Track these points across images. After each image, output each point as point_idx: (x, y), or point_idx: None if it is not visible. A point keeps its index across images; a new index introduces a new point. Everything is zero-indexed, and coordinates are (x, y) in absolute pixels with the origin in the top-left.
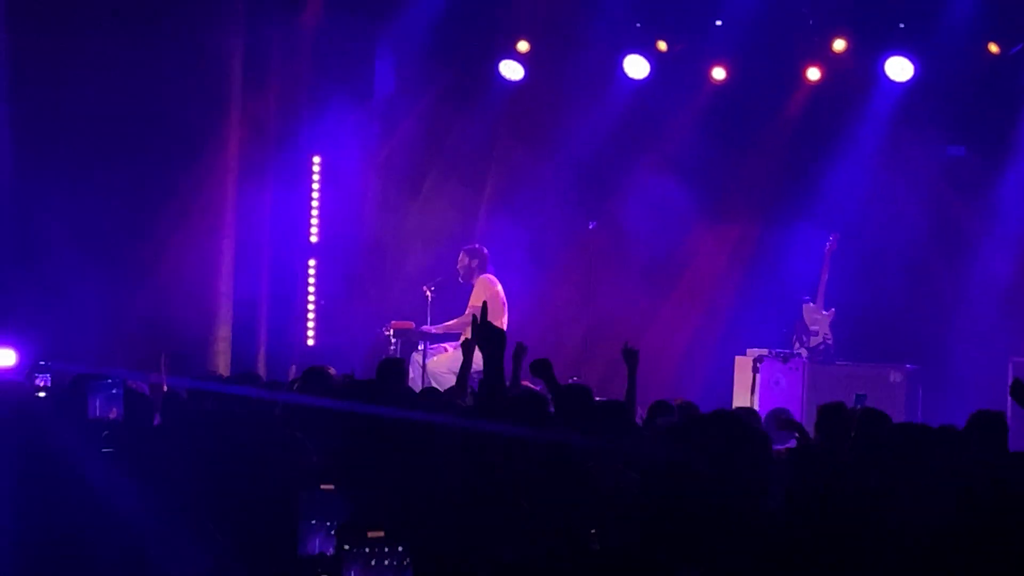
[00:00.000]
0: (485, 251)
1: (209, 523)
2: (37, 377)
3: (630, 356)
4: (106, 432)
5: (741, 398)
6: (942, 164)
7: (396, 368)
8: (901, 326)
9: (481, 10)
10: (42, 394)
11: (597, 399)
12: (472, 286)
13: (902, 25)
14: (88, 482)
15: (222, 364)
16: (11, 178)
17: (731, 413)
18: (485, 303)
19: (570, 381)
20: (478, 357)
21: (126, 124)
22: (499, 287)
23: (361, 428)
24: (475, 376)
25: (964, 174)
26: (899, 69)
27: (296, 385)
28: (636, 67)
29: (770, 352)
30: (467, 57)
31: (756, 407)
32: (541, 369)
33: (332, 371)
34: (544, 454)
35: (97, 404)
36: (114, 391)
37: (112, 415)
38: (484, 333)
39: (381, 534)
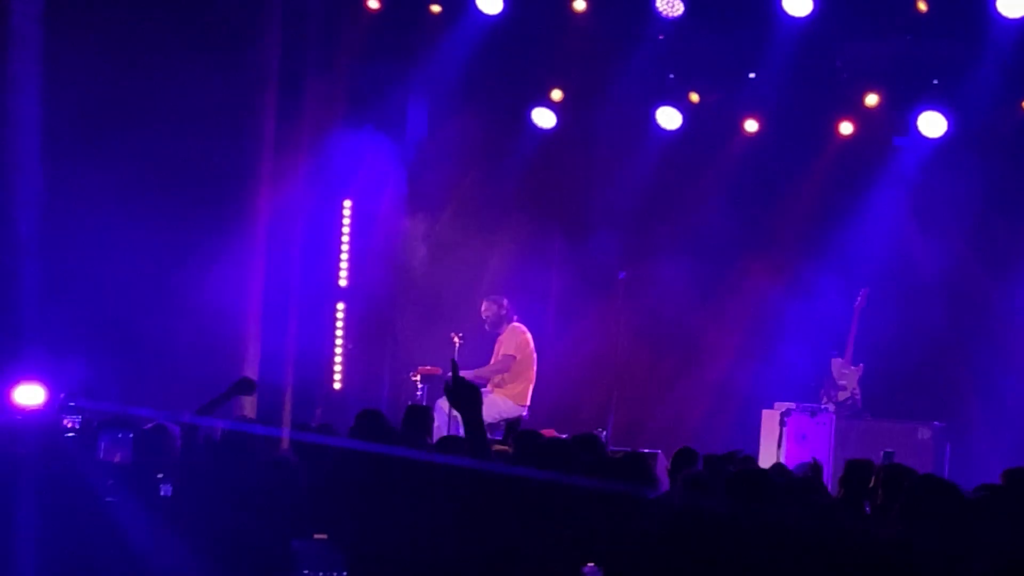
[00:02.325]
0: (505, 300)
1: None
2: (66, 418)
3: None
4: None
5: (767, 452)
6: (972, 222)
7: (422, 416)
8: (930, 383)
9: (514, 58)
10: (70, 434)
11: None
12: (498, 334)
13: (936, 81)
14: (110, 522)
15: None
16: (43, 212)
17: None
18: (453, 361)
19: (596, 432)
20: (503, 404)
21: (159, 164)
22: (529, 337)
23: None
24: (501, 424)
25: (992, 232)
26: (932, 125)
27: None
28: (668, 118)
29: (797, 406)
30: (499, 104)
31: (782, 461)
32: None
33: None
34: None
35: (102, 447)
36: (120, 435)
37: (116, 459)
38: (458, 391)
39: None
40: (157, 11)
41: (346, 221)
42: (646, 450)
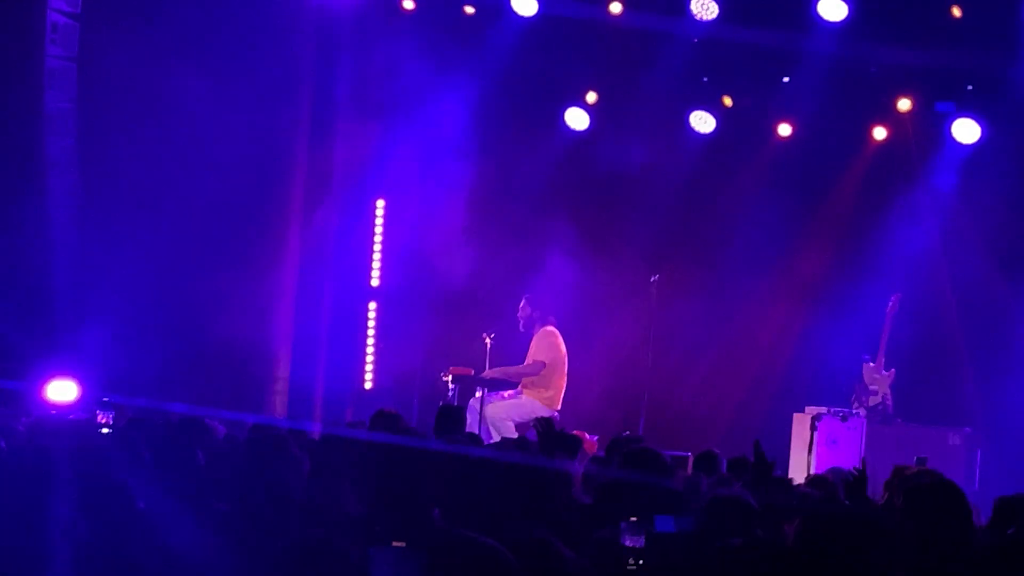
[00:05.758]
0: (546, 300)
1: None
2: (100, 414)
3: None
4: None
5: (798, 456)
6: (1007, 228)
7: (456, 415)
8: (961, 388)
9: (548, 59)
10: (105, 431)
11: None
12: (531, 335)
13: (970, 87)
14: (151, 520)
15: (279, 404)
16: (78, 212)
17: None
18: (549, 421)
19: (624, 435)
20: (533, 405)
21: (193, 163)
22: (560, 340)
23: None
24: (532, 425)
25: None
26: (966, 131)
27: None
28: (702, 122)
29: (829, 410)
30: (533, 105)
31: (813, 466)
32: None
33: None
34: None
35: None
36: None
37: None
38: (554, 445)
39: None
40: (192, 10)
41: (379, 221)
42: (676, 453)
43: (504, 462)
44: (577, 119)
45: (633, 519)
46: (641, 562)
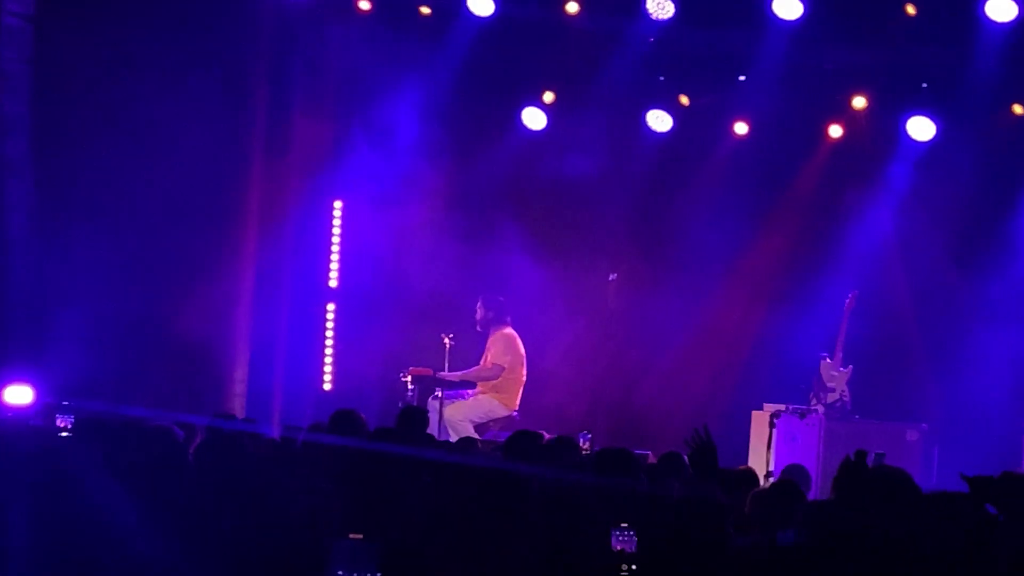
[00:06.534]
0: (502, 300)
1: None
2: (59, 418)
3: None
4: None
5: (757, 453)
6: (962, 225)
7: (418, 416)
8: (918, 385)
9: (505, 59)
10: (65, 434)
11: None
12: (488, 336)
13: (925, 85)
14: (111, 523)
15: (238, 406)
16: (34, 215)
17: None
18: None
19: (580, 434)
20: (491, 405)
21: (149, 164)
22: (517, 340)
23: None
24: (490, 425)
25: (982, 236)
26: (921, 129)
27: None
28: (659, 120)
29: (787, 408)
30: (490, 105)
31: (771, 463)
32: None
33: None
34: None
35: None
36: None
37: None
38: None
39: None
40: (147, 13)
41: (336, 222)
42: (636, 451)
43: (474, 465)
44: (534, 119)
45: (623, 525)
46: (634, 567)
